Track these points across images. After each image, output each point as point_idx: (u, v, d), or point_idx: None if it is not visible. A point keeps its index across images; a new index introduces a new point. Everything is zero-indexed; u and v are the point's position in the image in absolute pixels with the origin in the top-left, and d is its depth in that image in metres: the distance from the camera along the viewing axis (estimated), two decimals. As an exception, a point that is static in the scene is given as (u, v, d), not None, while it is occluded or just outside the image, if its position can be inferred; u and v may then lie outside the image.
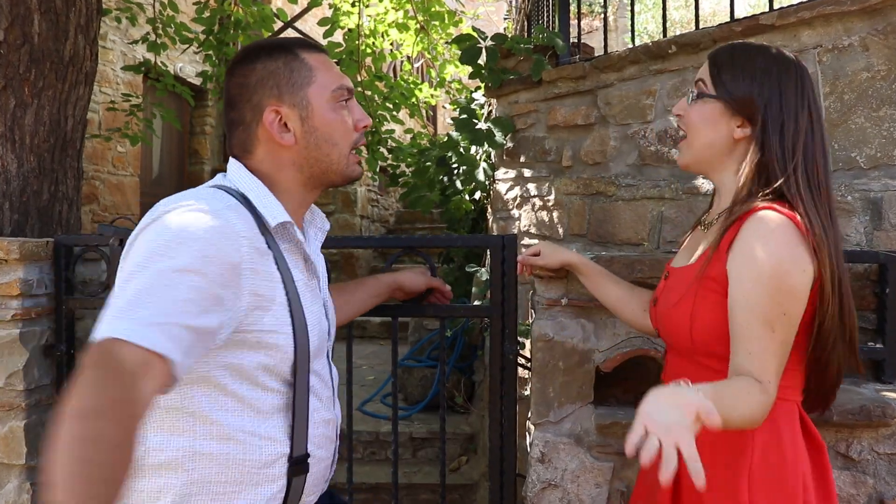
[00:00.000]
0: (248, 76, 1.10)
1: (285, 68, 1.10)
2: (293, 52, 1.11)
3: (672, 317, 1.18)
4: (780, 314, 1.02)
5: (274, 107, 1.08)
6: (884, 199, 1.86)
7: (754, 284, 1.02)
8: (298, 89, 1.10)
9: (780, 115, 1.11)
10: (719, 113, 1.13)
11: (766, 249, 1.02)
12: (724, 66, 1.14)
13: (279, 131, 1.08)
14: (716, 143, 1.15)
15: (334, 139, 1.12)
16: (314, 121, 1.10)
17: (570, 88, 2.68)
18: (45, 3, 2.35)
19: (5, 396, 1.85)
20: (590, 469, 1.63)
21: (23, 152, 2.35)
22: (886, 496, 1.57)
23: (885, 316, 1.75)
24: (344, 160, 1.14)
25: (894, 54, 1.88)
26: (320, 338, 1.12)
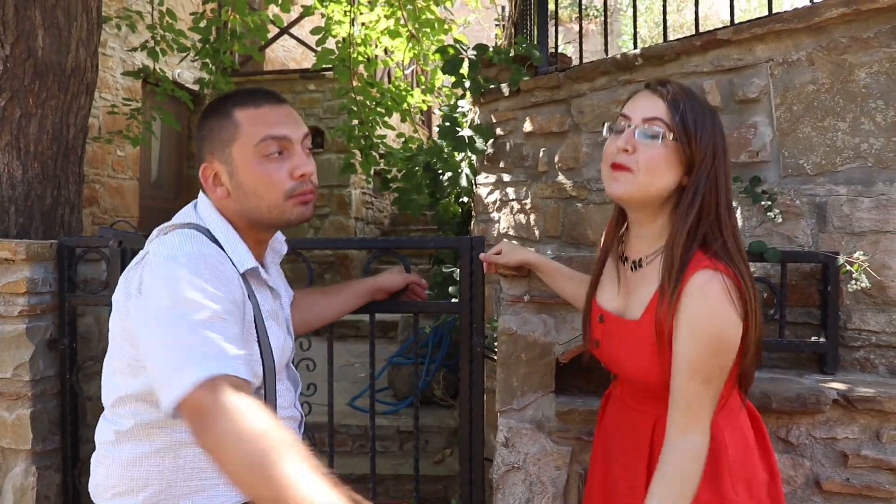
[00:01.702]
0: (200, 131, 1.22)
1: (217, 126, 1.18)
2: (226, 110, 1.17)
3: (628, 370, 1.26)
4: (717, 370, 1.13)
5: (206, 163, 1.18)
6: (828, 203, 2.00)
7: (694, 346, 1.11)
8: (225, 146, 1.16)
9: (723, 168, 1.16)
10: (676, 158, 1.15)
11: (707, 316, 1.11)
12: (687, 113, 1.14)
13: (213, 185, 1.18)
14: (666, 187, 1.16)
15: (259, 192, 1.16)
16: (239, 176, 1.16)
17: (545, 97, 2.82)
18: (49, 18, 2.49)
19: (13, 386, 1.99)
20: (550, 453, 1.77)
21: (27, 159, 2.50)
22: (822, 477, 1.70)
23: (828, 312, 1.90)
24: (276, 210, 1.17)
25: (837, 69, 2.02)
26: (283, 355, 1.25)
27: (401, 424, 3.60)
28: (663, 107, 1.16)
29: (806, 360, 1.98)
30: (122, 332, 1.12)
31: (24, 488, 1.99)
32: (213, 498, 1.14)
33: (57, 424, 2.09)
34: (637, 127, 1.16)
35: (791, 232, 2.05)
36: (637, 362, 1.23)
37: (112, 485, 1.15)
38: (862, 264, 1.79)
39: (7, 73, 2.43)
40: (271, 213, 1.18)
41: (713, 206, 1.16)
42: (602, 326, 1.30)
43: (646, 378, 1.23)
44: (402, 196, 3.99)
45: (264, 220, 1.19)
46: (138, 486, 1.12)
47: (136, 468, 1.12)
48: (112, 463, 1.15)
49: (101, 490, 1.16)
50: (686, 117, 1.14)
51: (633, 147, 1.16)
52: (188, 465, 1.13)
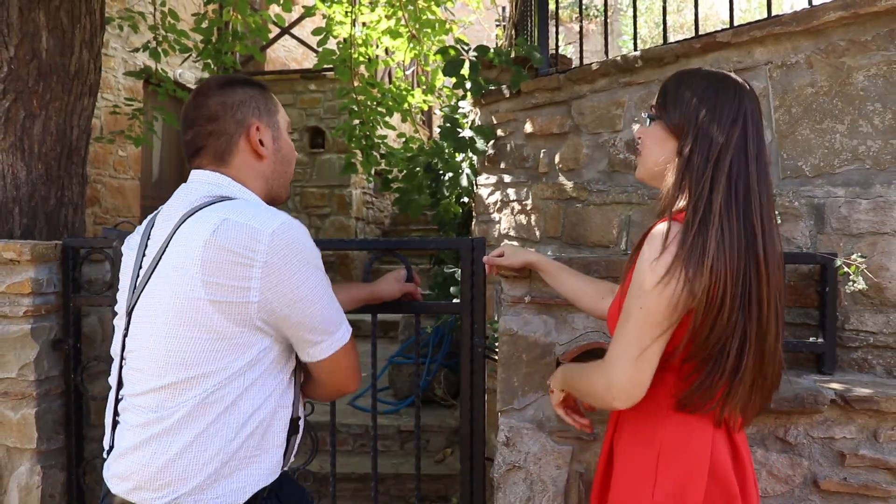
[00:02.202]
0: (230, 96, 1.28)
1: (262, 96, 1.33)
2: (262, 87, 1.36)
3: (612, 317, 1.31)
4: (637, 309, 1.13)
5: (256, 123, 1.29)
6: (826, 205, 2.02)
7: (632, 285, 1.16)
8: (272, 115, 1.34)
9: (708, 133, 1.17)
10: (662, 134, 1.25)
11: (643, 257, 1.15)
12: (669, 92, 1.26)
13: (258, 144, 1.29)
14: (660, 161, 1.25)
15: (290, 160, 1.38)
16: (281, 142, 1.35)
17: (546, 99, 2.84)
18: (53, 20, 2.51)
19: (18, 386, 2.01)
20: (550, 452, 1.78)
21: (31, 160, 2.51)
22: (819, 477, 1.72)
23: (825, 313, 1.91)
24: (288, 182, 1.39)
25: (835, 72, 2.04)
26: None
27: (401, 424, 3.62)
28: (656, 93, 1.31)
29: (804, 360, 2.00)
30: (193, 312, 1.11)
31: (28, 487, 2.01)
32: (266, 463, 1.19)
33: (61, 424, 2.11)
34: (645, 118, 1.32)
35: (790, 233, 2.07)
36: (613, 310, 1.30)
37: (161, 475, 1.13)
38: (859, 266, 1.80)
39: (11, 75, 2.45)
40: (286, 184, 1.38)
41: (692, 175, 1.17)
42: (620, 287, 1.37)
43: (612, 326, 1.28)
44: (403, 196, 4.01)
45: (284, 186, 1.37)
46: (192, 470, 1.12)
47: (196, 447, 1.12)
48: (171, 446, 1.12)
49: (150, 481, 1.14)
50: (666, 96, 1.26)
51: (641, 133, 1.33)
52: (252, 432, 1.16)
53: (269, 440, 1.19)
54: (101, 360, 2.19)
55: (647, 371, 1.14)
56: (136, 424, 1.15)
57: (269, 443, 1.19)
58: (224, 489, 1.13)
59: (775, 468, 1.73)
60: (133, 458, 1.15)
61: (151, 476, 1.12)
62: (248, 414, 1.15)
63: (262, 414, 1.16)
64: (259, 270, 1.11)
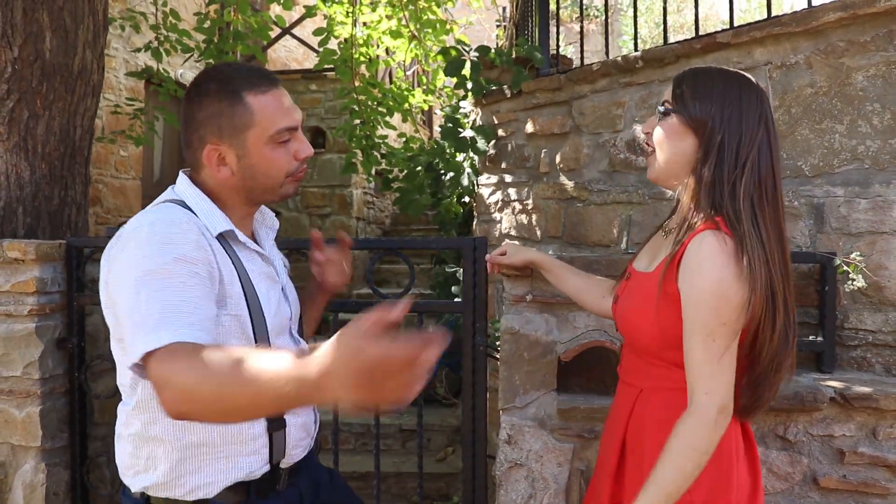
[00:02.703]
0: (195, 110, 1.22)
1: (229, 110, 1.19)
2: (239, 95, 1.19)
3: (633, 320, 1.28)
4: (720, 326, 1.12)
5: (214, 146, 1.20)
6: (825, 204, 2.03)
7: (696, 303, 1.13)
8: (239, 133, 1.19)
9: (736, 134, 1.16)
10: (680, 129, 1.20)
11: (705, 269, 1.12)
12: (686, 86, 1.21)
13: (217, 165, 1.20)
14: (677, 158, 1.22)
15: (269, 173, 1.22)
16: (251, 159, 1.20)
17: (547, 99, 2.85)
18: (56, 21, 2.52)
19: (23, 385, 2.02)
20: (552, 450, 1.80)
21: (35, 160, 2.53)
22: (819, 474, 1.73)
23: (825, 311, 1.93)
24: (277, 186, 1.24)
25: (834, 72, 2.05)
26: (279, 318, 1.28)
27: (403, 423, 3.63)
28: (670, 87, 1.25)
29: (804, 358, 2.01)
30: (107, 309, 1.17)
31: (33, 485, 2.02)
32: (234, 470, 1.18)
33: (65, 422, 2.12)
34: (656, 114, 1.27)
35: (790, 232, 2.08)
36: (639, 314, 1.25)
37: (129, 463, 1.20)
38: (858, 265, 1.82)
39: (15, 75, 2.46)
40: (273, 189, 1.25)
41: (725, 176, 1.16)
42: (625, 283, 1.35)
43: (641, 331, 1.25)
44: (404, 196, 4.02)
45: (265, 195, 1.26)
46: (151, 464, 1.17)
47: (143, 449, 1.17)
48: (126, 441, 1.20)
49: (123, 469, 1.22)
50: (684, 90, 1.21)
51: (651, 128, 1.27)
52: (196, 442, 1.17)
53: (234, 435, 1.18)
54: (104, 358, 2.20)
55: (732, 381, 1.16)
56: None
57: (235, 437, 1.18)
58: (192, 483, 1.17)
59: (775, 466, 1.74)
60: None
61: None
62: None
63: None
64: (107, 265, 1.13)
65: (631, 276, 1.35)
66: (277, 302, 1.28)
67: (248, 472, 1.19)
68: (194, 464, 1.16)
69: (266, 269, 1.29)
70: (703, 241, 1.14)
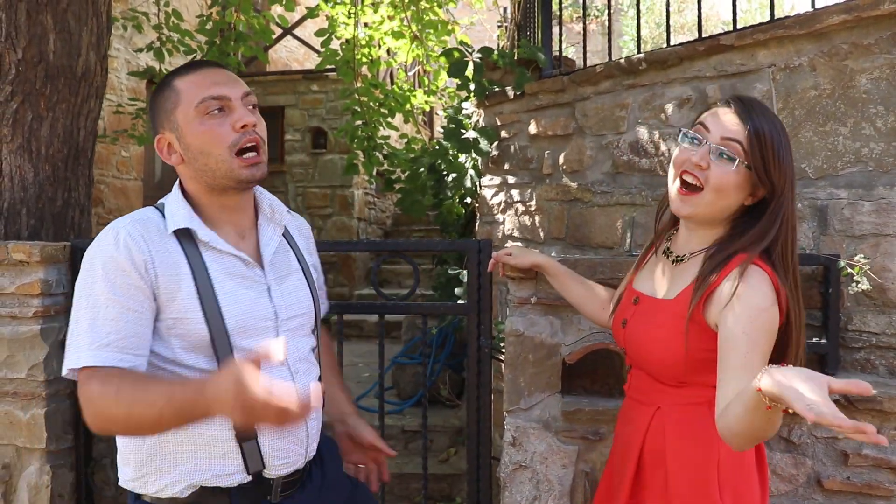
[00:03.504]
0: (150, 110, 1.31)
1: (161, 98, 1.26)
2: (167, 82, 1.25)
3: (650, 347, 1.28)
4: (767, 344, 1.15)
5: (159, 135, 1.27)
6: (829, 206, 2.03)
7: (748, 322, 1.14)
8: (170, 114, 1.24)
9: (790, 197, 1.22)
10: (747, 182, 1.20)
11: (751, 293, 1.15)
12: (766, 142, 1.18)
13: (168, 154, 1.26)
14: (730, 208, 1.23)
15: (206, 150, 1.21)
16: (187, 139, 1.22)
17: (550, 100, 2.86)
18: (60, 22, 2.52)
19: (27, 387, 2.03)
20: (557, 452, 1.80)
21: (38, 162, 2.53)
22: (823, 476, 1.74)
23: (828, 313, 1.93)
24: (225, 165, 1.21)
25: (838, 74, 2.06)
26: (250, 318, 1.23)
27: (405, 424, 3.64)
28: (743, 131, 1.19)
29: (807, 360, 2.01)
30: None
31: (38, 486, 2.03)
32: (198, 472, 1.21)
33: (70, 424, 2.12)
34: (714, 144, 1.20)
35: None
36: (659, 342, 1.25)
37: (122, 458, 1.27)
38: (862, 267, 1.82)
39: (19, 77, 2.47)
40: (221, 169, 1.22)
41: (783, 229, 1.21)
42: (635, 308, 1.34)
43: (660, 359, 1.26)
44: (406, 197, 4.03)
45: (218, 177, 1.23)
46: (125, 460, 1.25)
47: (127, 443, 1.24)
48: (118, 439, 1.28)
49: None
50: (765, 146, 1.18)
51: (707, 164, 1.19)
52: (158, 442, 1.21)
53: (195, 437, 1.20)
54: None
55: None
56: None
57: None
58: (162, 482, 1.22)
59: (779, 467, 1.74)
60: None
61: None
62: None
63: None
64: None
65: (641, 301, 1.34)
66: (250, 302, 1.24)
67: (213, 474, 1.19)
68: (161, 462, 1.20)
69: (237, 268, 1.25)
70: (748, 271, 1.17)
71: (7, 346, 2.03)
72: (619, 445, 1.41)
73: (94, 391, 1.09)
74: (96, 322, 1.14)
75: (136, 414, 1.06)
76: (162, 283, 1.17)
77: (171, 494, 1.20)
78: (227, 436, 1.20)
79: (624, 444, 1.37)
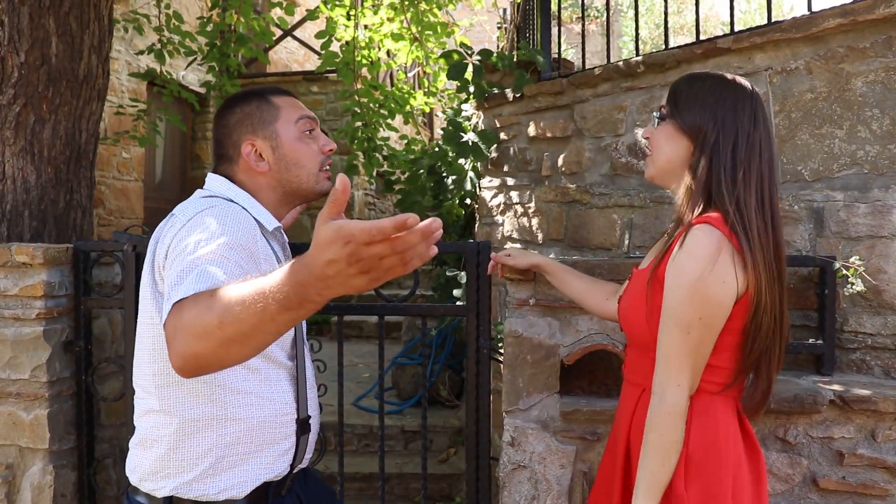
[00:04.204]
0: (228, 119, 1.35)
1: (257, 109, 1.34)
2: (263, 96, 1.36)
3: (629, 315, 1.34)
4: (696, 320, 1.16)
5: (250, 141, 1.32)
6: (825, 208, 2.05)
7: (675, 293, 1.18)
8: (268, 125, 1.33)
9: (731, 136, 1.23)
10: (675, 133, 1.29)
11: (689, 262, 1.17)
12: (681, 93, 1.30)
13: (255, 160, 1.32)
14: (673, 159, 1.30)
15: (301, 162, 1.34)
16: (283, 149, 1.33)
17: (549, 103, 2.87)
18: (62, 26, 2.54)
19: (30, 388, 2.04)
20: (555, 452, 1.82)
21: (41, 164, 2.55)
22: (818, 475, 1.75)
23: (824, 315, 1.95)
24: (313, 178, 1.36)
25: (834, 77, 2.07)
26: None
27: (405, 424, 3.66)
28: (666, 95, 1.34)
29: (803, 361, 2.03)
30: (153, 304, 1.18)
31: (41, 486, 2.04)
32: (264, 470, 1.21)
33: (73, 424, 2.14)
34: (654, 119, 1.36)
35: (790, 236, 2.10)
36: (634, 309, 1.31)
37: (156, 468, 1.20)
38: (858, 268, 1.84)
39: (22, 80, 2.48)
40: (309, 182, 1.35)
41: (720, 175, 1.22)
42: (628, 282, 1.42)
43: (635, 325, 1.31)
44: (406, 198, 4.04)
45: (302, 190, 1.35)
46: (186, 466, 1.18)
47: (183, 449, 1.18)
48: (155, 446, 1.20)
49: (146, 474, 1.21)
50: (679, 97, 1.29)
51: (649, 133, 1.36)
52: (232, 441, 1.19)
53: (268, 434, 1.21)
54: (110, 361, 2.22)
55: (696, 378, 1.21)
56: None
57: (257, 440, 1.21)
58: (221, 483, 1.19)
59: (775, 467, 1.76)
60: None
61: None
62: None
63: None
64: (162, 248, 1.16)
65: (632, 277, 1.40)
66: None
67: (275, 473, 1.23)
68: (229, 462, 1.18)
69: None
70: (691, 235, 1.18)
71: (10, 348, 2.05)
72: (613, 432, 1.44)
73: (187, 311, 0.90)
74: (212, 272, 0.99)
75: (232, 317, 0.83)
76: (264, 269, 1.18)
77: (232, 496, 1.18)
78: (291, 429, 1.25)
79: (615, 430, 1.41)
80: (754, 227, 1.18)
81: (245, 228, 1.15)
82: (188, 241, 1.08)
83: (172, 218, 1.20)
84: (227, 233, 1.10)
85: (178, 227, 1.14)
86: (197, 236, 1.08)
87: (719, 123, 1.24)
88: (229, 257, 1.04)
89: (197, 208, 1.17)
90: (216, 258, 1.02)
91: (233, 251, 1.06)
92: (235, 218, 1.15)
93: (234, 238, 1.09)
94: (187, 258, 1.03)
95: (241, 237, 1.12)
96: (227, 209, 1.17)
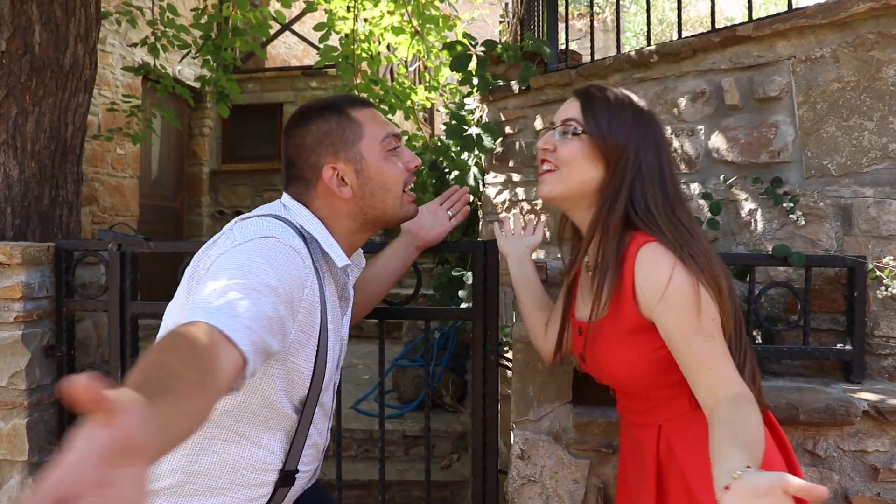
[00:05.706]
0: (304, 137, 1.19)
1: (338, 127, 1.19)
2: (343, 111, 1.20)
3: (611, 372, 1.22)
4: (710, 321, 1.07)
5: (331, 164, 1.18)
6: (853, 205, 1.93)
7: (677, 314, 1.07)
8: (352, 145, 1.19)
9: (651, 162, 1.17)
10: (593, 151, 1.17)
11: (663, 279, 1.08)
12: (600, 109, 1.19)
13: (338, 186, 1.18)
14: (589, 181, 1.18)
15: (388, 185, 1.21)
16: (369, 172, 1.19)
17: (556, 95, 2.75)
18: (46, 13, 2.42)
19: (8, 396, 1.92)
20: (567, 465, 1.70)
21: (24, 159, 2.43)
22: (851, 492, 1.64)
23: (854, 318, 1.83)
24: (398, 202, 1.23)
25: (863, 66, 1.95)
26: (331, 372, 1.20)
27: (406, 429, 3.53)
28: (578, 107, 1.21)
29: (830, 367, 1.92)
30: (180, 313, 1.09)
31: (19, 501, 1.92)
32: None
33: (54, 434, 2.02)
34: (557, 129, 1.22)
35: (814, 235, 1.98)
36: (616, 361, 1.19)
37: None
38: (892, 269, 1.72)
39: (3, 70, 2.36)
40: (394, 207, 1.23)
41: (642, 201, 1.15)
42: (582, 339, 1.26)
43: (627, 375, 1.19)
44: (407, 195, 3.92)
45: (386, 214, 1.23)
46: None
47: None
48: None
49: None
50: (599, 114, 1.18)
51: (553, 146, 1.21)
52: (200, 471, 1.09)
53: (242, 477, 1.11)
54: (95, 367, 2.10)
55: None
56: None
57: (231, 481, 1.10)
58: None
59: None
60: None
61: None
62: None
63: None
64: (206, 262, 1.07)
65: (584, 330, 1.25)
66: (334, 355, 1.22)
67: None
68: (192, 489, 1.09)
69: (342, 313, 1.23)
70: (644, 259, 1.10)
71: (-13, 353, 1.93)
72: (632, 470, 1.31)
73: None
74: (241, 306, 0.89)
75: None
76: (305, 327, 1.09)
77: None
78: (272, 478, 1.13)
79: (638, 468, 1.28)
80: (693, 245, 1.12)
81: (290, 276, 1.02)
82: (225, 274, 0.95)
83: (230, 233, 1.08)
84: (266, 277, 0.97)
85: (228, 246, 1.02)
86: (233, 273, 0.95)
87: (641, 146, 1.17)
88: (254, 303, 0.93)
89: (253, 234, 1.04)
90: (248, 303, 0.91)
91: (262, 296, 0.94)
92: (284, 264, 1.02)
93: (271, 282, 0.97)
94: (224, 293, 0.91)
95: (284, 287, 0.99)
96: (278, 252, 1.02)
